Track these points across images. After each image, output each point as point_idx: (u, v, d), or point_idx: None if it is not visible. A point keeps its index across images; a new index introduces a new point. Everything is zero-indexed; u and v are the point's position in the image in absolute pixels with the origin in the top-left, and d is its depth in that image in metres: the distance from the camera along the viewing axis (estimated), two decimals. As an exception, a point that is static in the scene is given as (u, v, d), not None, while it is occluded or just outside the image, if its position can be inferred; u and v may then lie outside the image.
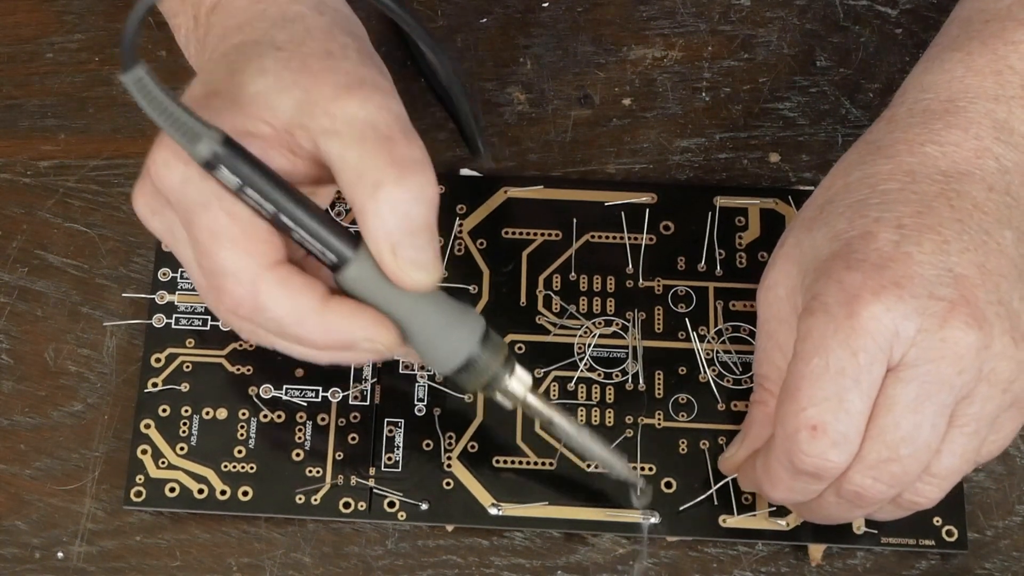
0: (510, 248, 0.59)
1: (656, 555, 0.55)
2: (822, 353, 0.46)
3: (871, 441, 0.46)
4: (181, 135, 0.44)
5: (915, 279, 0.46)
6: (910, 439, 0.46)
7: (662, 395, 0.57)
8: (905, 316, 0.46)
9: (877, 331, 0.46)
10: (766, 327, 0.51)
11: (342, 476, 0.55)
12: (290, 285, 0.46)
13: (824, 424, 0.46)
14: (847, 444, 0.46)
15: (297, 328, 0.47)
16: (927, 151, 0.49)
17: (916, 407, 0.46)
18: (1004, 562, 0.55)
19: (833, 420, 0.46)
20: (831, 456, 0.46)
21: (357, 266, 0.46)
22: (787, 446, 0.47)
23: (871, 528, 0.54)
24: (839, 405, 0.46)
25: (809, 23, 0.64)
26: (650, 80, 0.63)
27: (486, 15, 0.64)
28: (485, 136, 0.60)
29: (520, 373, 0.50)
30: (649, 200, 0.60)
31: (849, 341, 0.46)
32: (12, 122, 0.62)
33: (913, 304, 0.46)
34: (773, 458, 0.48)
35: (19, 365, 0.58)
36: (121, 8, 0.64)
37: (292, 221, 0.46)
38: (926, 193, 0.48)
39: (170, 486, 0.55)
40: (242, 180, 0.45)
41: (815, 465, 0.47)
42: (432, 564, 0.55)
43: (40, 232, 0.60)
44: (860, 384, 0.46)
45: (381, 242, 0.46)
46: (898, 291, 0.46)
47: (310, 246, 0.46)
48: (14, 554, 0.55)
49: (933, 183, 0.48)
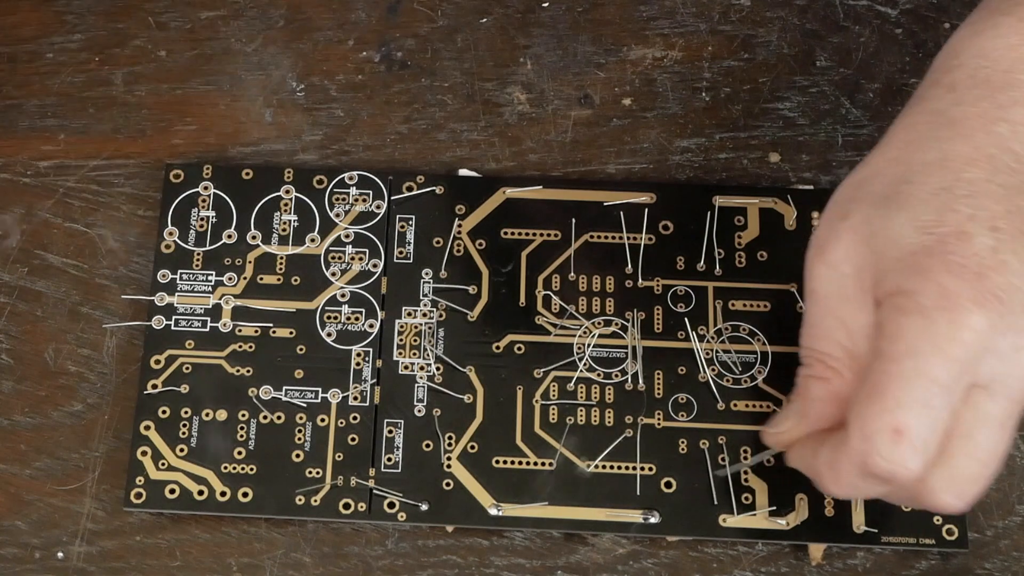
0: (509, 248, 0.59)
1: (656, 555, 0.55)
2: (916, 357, 0.45)
3: (964, 458, 0.46)
4: None
5: (1015, 293, 0.45)
6: (997, 456, 0.46)
7: (662, 395, 0.57)
8: (1003, 332, 0.44)
9: (975, 343, 0.44)
10: (826, 303, 0.49)
11: (342, 477, 0.55)
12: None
13: (909, 428, 0.45)
14: (926, 452, 0.45)
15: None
16: (1000, 131, 0.47)
17: (1004, 424, 0.45)
18: (1004, 562, 0.55)
19: (918, 425, 0.45)
20: (910, 463, 0.45)
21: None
22: (864, 447, 0.46)
23: (871, 528, 0.54)
24: (926, 412, 0.45)
25: (809, 23, 0.64)
26: (650, 80, 0.63)
27: (486, 15, 0.64)
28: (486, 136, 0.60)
29: None
30: (648, 200, 0.60)
31: (947, 350, 0.44)
32: (12, 122, 0.62)
33: (1011, 320, 0.44)
34: (844, 456, 0.47)
35: (19, 365, 0.58)
36: (121, 8, 0.64)
37: None
38: (1010, 186, 0.46)
39: (170, 488, 0.55)
40: None
41: (890, 471, 0.45)
42: (432, 564, 0.55)
43: (40, 232, 0.60)
44: (950, 394, 0.45)
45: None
46: (1000, 306, 0.44)
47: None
48: (14, 554, 0.55)
49: (1012, 173, 0.47)
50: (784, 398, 0.56)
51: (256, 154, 0.61)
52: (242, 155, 0.61)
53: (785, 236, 0.59)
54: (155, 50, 0.63)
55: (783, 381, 0.56)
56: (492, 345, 0.57)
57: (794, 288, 0.58)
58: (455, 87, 0.63)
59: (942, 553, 0.55)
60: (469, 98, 0.62)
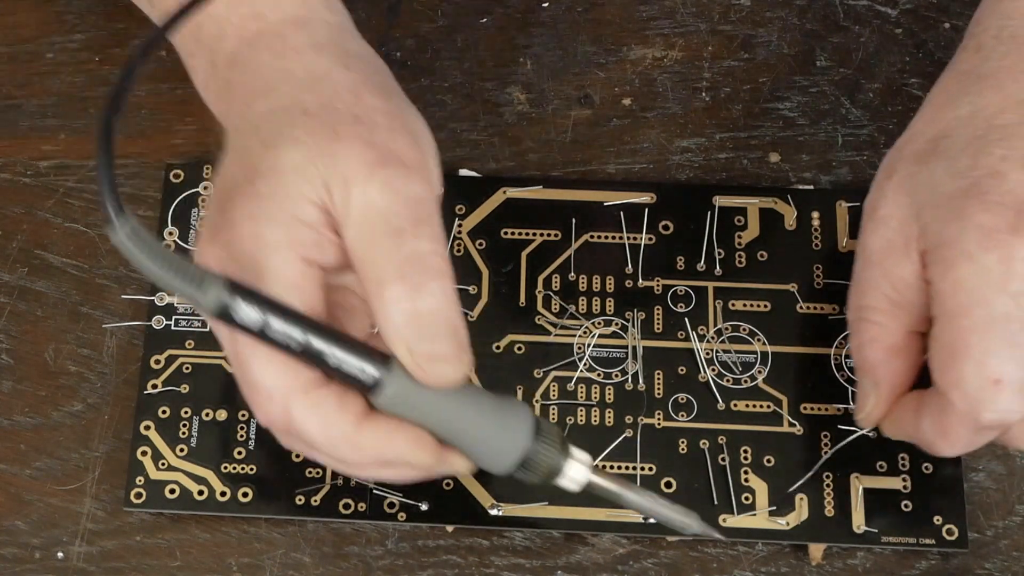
0: (509, 248, 0.59)
1: (656, 555, 0.55)
2: (982, 303, 0.45)
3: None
4: (188, 285, 0.42)
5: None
6: None
7: (662, 395, 0.57)
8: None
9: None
10: (873, 257, 0.50)
11: (342, 477, 0.55)
12: (323, 408, 0.45)
13: (1006, 374, 0.45)
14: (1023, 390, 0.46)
15: (332, 450, 0.46)
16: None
17: None
18: (1004, 562, 0.55)
19: (1014, 368, 0.45)
20: (1017, 406, 0.46)
21: (389, 387, 0.45)
22: (971, 406, 0.46)
23: (871, 527, 0.54)
24: (1015, 351, 0.45)
25: (809, 23, 0.64)
26: (650, 80, 0.63)
27: (486, 15, 0.64)
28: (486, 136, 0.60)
29: (578, 455, 0.48)
30: (648, 200, 0.60)
31: (1005, 286, 0.45)
32: (12, 122, 0.62)
33: None
34: (953, 420, 0.47)
35: (19, 365, 0.58)
36: (121, 8, 0.64)
37: (315, 357, 0.44)
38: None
39: (170, 488, 0.55)
40: (260, 323, 0.43)
41: (1000, 419, 0.46)
42: (432, 564, 0.55)
43: (40, 232, 0.60)
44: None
45: (395, 342, 0.44)
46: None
47: (338, 377, 0.45)
48: (14, 554, 0.55)
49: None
50: (782, 398, 0.56)
51: (256, 154, 0.61)
52: (242, 155, 0.61)
53: (785, 236, 0.59)
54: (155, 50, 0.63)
55: (783, 381, 0.56)
56: (492, 345, 0.57)
57: (794, 288, 0.58)
58: (455, 87, 0.63)
59: (942, 553, 0.55)
60: (469, 98, 0.62)
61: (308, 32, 0.49)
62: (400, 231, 0.44)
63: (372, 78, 0.49)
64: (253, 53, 0.49)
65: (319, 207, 0.45)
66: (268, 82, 0.48)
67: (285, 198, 0.45)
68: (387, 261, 0.44)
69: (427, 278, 0.44)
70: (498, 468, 0.47)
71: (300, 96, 0.47)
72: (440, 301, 0.45)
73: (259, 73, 0.48)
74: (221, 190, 0.46)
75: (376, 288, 0.44)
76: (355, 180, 0.45)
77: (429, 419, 0.46)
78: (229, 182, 0.46)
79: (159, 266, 0.41)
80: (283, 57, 0.48)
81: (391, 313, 0.44)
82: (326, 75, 0.48)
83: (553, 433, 0.47)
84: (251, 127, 0.47)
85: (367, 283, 0.45)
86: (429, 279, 0.45)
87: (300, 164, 0.45)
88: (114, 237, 0.41)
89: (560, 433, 0.48)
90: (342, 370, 0.44)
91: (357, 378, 0.44)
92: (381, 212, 0.44)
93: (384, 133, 0.46)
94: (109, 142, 0.41)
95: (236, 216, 0.45)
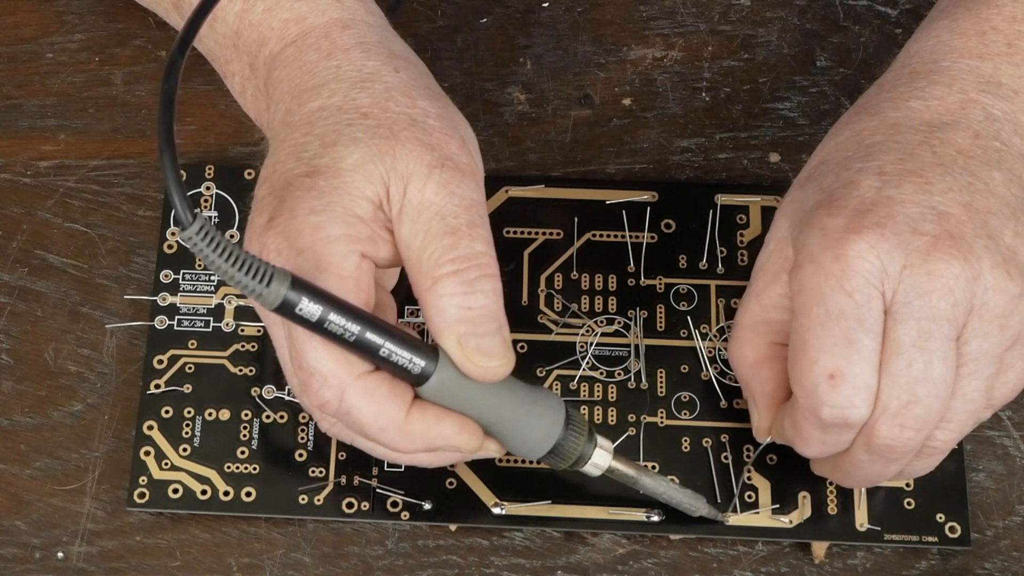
0: (512, 247, 0.59)
1: (656, 555, 0.55)
2: (819, 301, 0.47)
3: (889, 388, 0.46)
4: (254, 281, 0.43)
5: (897, 217, 0.47)
6: (924, 378, 0.46)
7: (664, 393, 0.57)
8: (889, 252, 0.46)
9: (865, 270, 0.46)
10: (751, 279, 0.52)
11: (345, 476, 0.55)
12: (376, 395, 0.47)
13: (840, 370, 0.46)
14: (866, 386, 0.46)
15: (380, 435, 0.48)
16: (911, 105, 0.50)
17: (922, 345, 0.46)
18: (1004, 562, 0.55)
19: (847, 364, 0.46)
20: (855, 401, 0.46)
21: (436, 378, 0.47)
22: (810, 402, 0.47)
23: (874, 525, 0.54)
24: (849, 348, 0.46)
25: (809, 23, 0.64)
26: (650, 80, 0.63)
27: (486, 15, 0.64)
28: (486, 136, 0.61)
29: (602, 443, 0.51)
30: (650, 198, 0.60)
31: (841, 283, 0.46)
32: (12, 122, 0.62)
33: (895, 240, 0.46)
34: (800, 416, 0.49)
35: (19, 365, 0.58)
36: (121, 8, 0.64)
37: (367, 348, 0.46)
38: (909, 142, 0.49)
39: (173, 487, 0.55)
40: (321, 317, 0.45)
41: (841, 415, 0.47)
42: (432, 564, 0.55)
43: (40, 232, 0.60)
44: (864, 323, 0.46)
45: (445, 335, 0.47)
46: (880, 229, 0.46)
47: (387, 367, 0.47)
48: (14, 554, 0.55)
49: (916, 133, 0.49)
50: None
51: (256, 154, 0.61)
52: (242, 155, 0.61)
53: (786, 235, 0.59)
54: (155, 50, 0.63)
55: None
56: (494, 344, 0.57)
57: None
58: (455, 87, 0.63)
59: (942, 553, 0.55)
60: (469, 98, 0.63)
61: (353, 33, 0.51)
62: (456, 230, 0.47)
63: (419, 80, 0.51)
64: (298, 53, 0.51)
65: (376, 204, 0.47)
66: (317, 80, 0.50)
67: (346, 195, 0.47)
68: (442, 257, 0.47)
69: (480, 277, 0.47)
70: (531, 454, 0.50)
71: (353, 95, 0.49)
72: (491, 299, 0.47)
73: (306, 70, 0.51)
74: (277, 179, 0.48)
75: (430, 283, 0.47)
76: (413, 179, 0.47)
77: (471, 408, 0.49)
78: (285, 173, 0.48)
79: (229, 263, 0.43)
80: (331, 56, 0.51)
81: (444, 306, 0.47)
82: (376, 75, 0.50)
83: (582, 422, 0.51)
84: (304, 123, 0.49)
85: (420, 277, 0.47)
86: (482, 278, 0.47)
87: (360, 163, 0.47)
88: (183, 235, 0.42)
89: (587, 422, 0.51)
90: (391, 360, 0.46)
91: (406, 368, 0.47)
92: (438, 211, 0.47)
93: (439, 136, 0.48)
94: (172, 143, 0.43)
95: (298, 208, 0.47)
